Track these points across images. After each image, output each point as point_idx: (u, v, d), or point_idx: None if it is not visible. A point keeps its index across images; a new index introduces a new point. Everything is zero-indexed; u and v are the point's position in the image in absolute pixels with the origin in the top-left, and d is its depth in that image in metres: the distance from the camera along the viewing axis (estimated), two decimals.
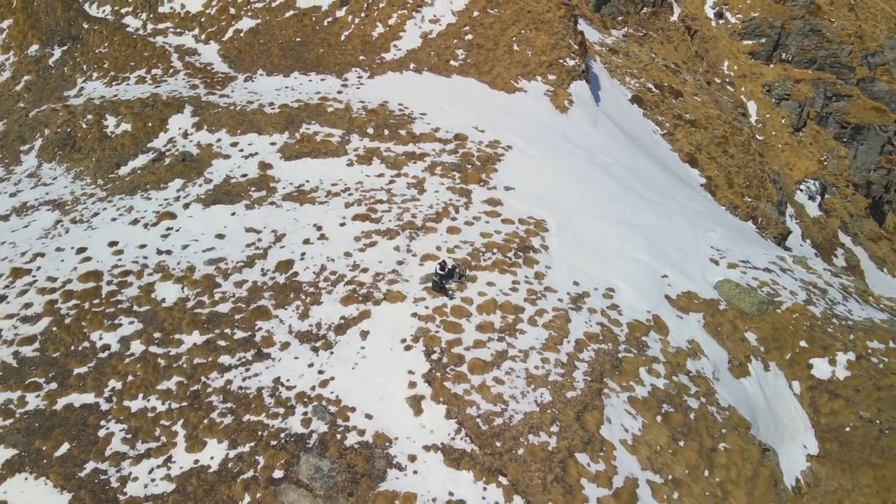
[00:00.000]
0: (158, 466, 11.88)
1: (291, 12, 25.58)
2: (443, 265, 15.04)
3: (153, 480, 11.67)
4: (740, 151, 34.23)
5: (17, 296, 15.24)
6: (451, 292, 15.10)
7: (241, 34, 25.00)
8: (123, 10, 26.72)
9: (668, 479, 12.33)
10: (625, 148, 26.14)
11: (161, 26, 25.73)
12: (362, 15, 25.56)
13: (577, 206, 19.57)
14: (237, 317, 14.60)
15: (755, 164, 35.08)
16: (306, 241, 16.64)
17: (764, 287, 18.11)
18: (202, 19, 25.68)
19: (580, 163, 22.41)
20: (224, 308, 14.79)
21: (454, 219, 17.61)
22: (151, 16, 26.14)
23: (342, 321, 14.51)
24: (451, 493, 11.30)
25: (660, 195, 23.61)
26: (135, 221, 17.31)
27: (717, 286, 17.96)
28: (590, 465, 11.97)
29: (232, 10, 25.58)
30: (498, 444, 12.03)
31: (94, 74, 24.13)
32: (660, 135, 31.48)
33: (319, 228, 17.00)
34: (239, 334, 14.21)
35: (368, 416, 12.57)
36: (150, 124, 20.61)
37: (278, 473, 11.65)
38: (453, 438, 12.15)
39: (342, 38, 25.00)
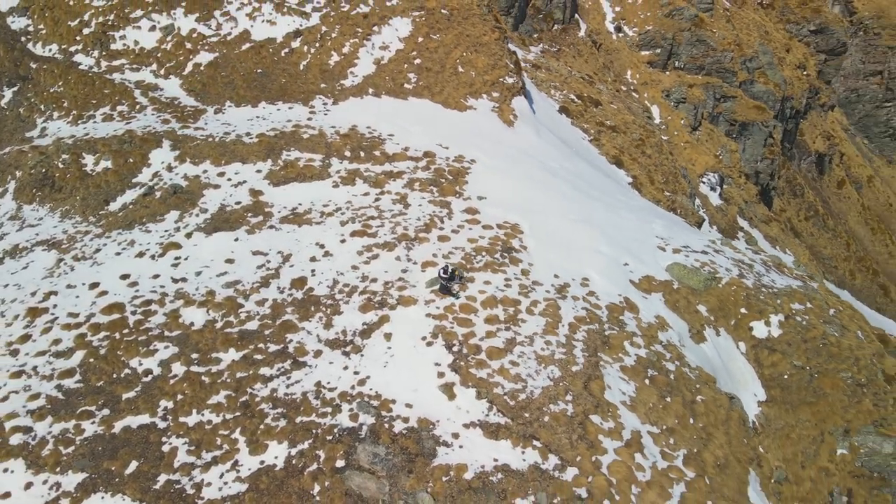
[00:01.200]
0: (227, 471, 13.00)
1: (248, 45, 26.59)
2: (445, 269, 16.88)
3: (226, 483, 12.79)
4: (655, 152, 38.16)
5: (41, 333, 15.69)
6: (456, 292, 16.99)
7: (202, 68, 25.74)
8: (72, 49, 26.66)
9: (663, 429, 14.77)
10: (565, 154, 28.98)
11: (116, 63, 25.98)
12: (317, 45, 26.98)
13: (543, 208, 21.96)
14: (266, 332, 15.81)
15: (668, 162, 39.18)
16: (313, 259, 18.00)
17: (705, 267, 21.19)
18: (158, 55, 26.17)
19: (535, 170, 24.90)
20: (252, 326, 15.94)
21: (441, 228, 19.50)
22: (104, 53, 26.30)
23: (365, 326, 16.04)
24: (495, 460, 13.16)
25: (603, 194, 26.52)
26: (140, 254, 18.01)
27: (669, 269, 20.85)
28: (602, 423, 14.20)
29: (188, 45, 26.24)
30: (526, 414, 14.03)
31: (55, 114, 24.15)
32: (587, 141, 34.70)
33: (322, 246, 18.39)
34: (273, 347, 15.44)
35: (408, 406, 14.20)
36: (131, 160, 21.16)
37: (340, 463, 13.08)
38: (487, 415, 14.03)
39: (301, 67, 26.32)
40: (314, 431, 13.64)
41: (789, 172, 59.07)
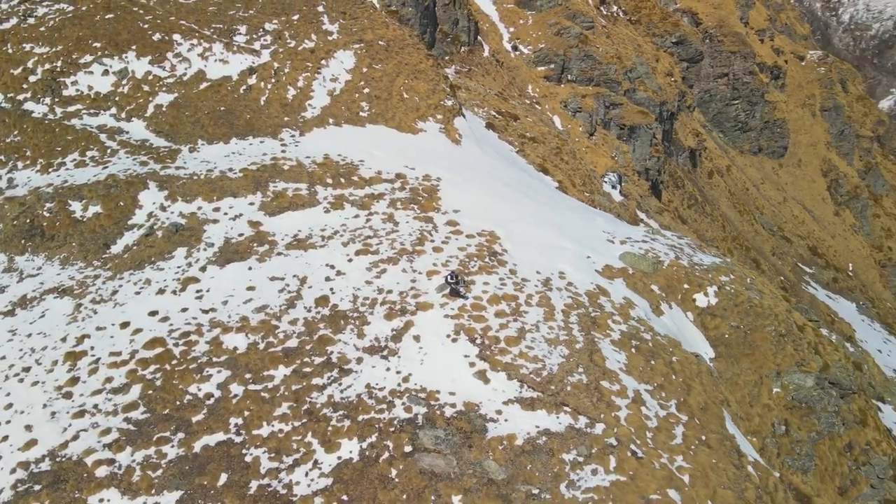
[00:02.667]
0: (310, 470, 14.54)
1: (205, 84, 27.41)
2: (452, 275, 19.20)
3: (312, 480, 14.34)
4: (571, 158, 42.36)
5: (90, 374, 16.30)
6: (464, 294, 19.32)
7: (164, 109, 26.26)
8: (20, 97, 26.13)
9: (655, 386, 17.88)
10: (506, 166, 32.09)
11: (71, 109, 25.89)
12: (273, 81, 28.29)
13: (508, 216, 24.75)
14: (307, 347, 17.34)
15: (582, 166, 43.54)
16: (328, 279, 19.64)
17: (649, 253, 24.89)
18: (116, 98, 26.34)
19: (490, 183, 27.72)
20: (293, 343, 17.41)
21: (433, 241, 21.76)
22: (57, 100, 26.08)
23: (394, 332, 17.99)
24: (536, 426, 15.61)
25: (547, 199, 29.82)
26: (161, 291, 18.83)
27: (622, 257, 24.31)
28: (610, 386, 17.06)
29: (146, 87, 26.64)
30: (552, 387, 16.61)
31: (19, 164, 23.85)
32: (515, 152, 38.13)
33: (333, 267, 20.07)
34: (317, 360, 17.01)
35: (452, 394, 16.34)
36: (121, 203, 21.63)
37: (408, 448, 15.00)
38: (520, 392, 16.47)
39: (262, 102, 27.53)
40: (377, 426, 15.45)
41: (671, 167, 66.29)
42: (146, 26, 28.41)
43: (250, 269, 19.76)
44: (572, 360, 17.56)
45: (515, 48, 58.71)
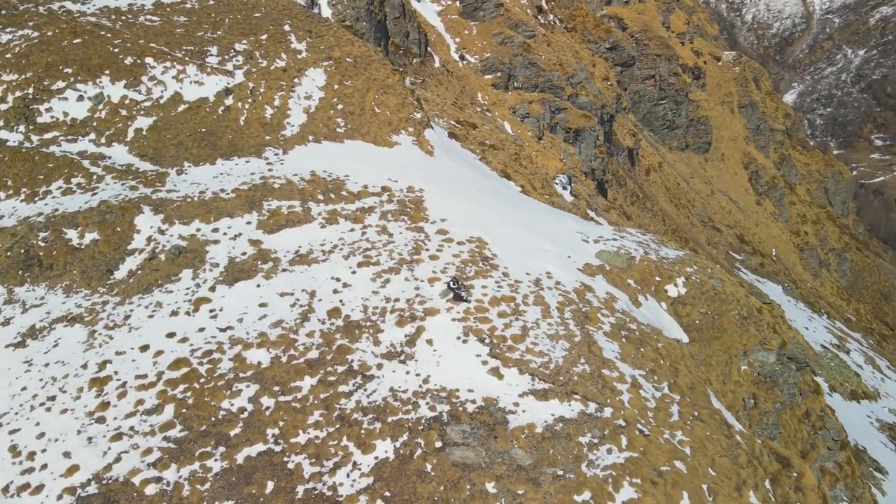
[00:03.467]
0: (351, 471, 15.44)
1: (183, 106, 27.56)
2: (452, 280, 20.42)
3: (354, 480, 15.25)
4: (528, 162, 44.26)
5: (119, 398, 16.62)
6: (467, 298, 20.54)
7: (144, 132, 26.27)
8: None
9: (647, 371, 19.61)
10: (476, 173, 33.53)
11: (48, 136, 25.55)
12: (250, 100, 28.71)
13: (490, 222, 26.15)
14: (328, 357, 18.16)
15: (538, 170, 45.53)
16: (336, 291, 20.48)
17: (621, 250, 26.81)
18: (94, 124, 26.13)
19: (467, 191, 29.06)
20: (313, 355, 18.19)
21: (427, 250, 22.89)
22: (32, 127, 25.66)
23: (407, 338, 19.02)
24: (552, 415, 16.99)
25: (518, 203, 31.41)
26: (174, 313, 19.22)
27: (598, 255, 26.11)
28: (611, 374, 18.65)
29: (123, 112, 26.55)
30: (561, 378, 18.06)
31: (2, 194, 23.47)
32: (478, 160, 39.67)
33: (338, 280, 20.91)
34: (340, 368, 17.86)
35: (470, 391, 17.55)
36: (118, 229, 21.74)
37: (438, 444, 16.10)
38: (533, 385, 17.83)
39: (242, 122, 27.91)
40: (406, 426, 16.48)
41: (613, 167, 69.56)
42: (117, 50, 28.27)
43: (259, 286, 20.37)
44: (574, 352, 19.09)
45: (463, 58, 60.40)
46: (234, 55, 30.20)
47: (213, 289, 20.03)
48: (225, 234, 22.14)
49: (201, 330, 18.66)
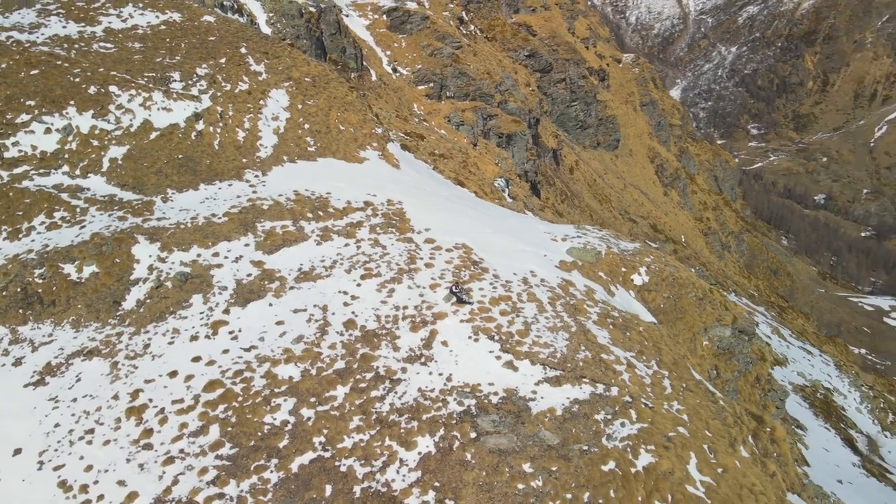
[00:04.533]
0: (399, 468, 16.58)
1: (155, 133, 27.40)
2: (454, 285, 21.89)
3: (404, 475, 16.41)
4: (475, 169, 46.19)
5: (161, 424, 16.96)
6: (470, 300, 22.04)
7: (120, 162, 25.98)
8: None
9: (636, 352, 21.81)
10: (441, 184, 35.07)
11: (18, 171, 24.78)
12: (221, 125, 28.91)
13: (468, 228, 27.77)
14: (354, 366, 19.16)
15: (484, 176, 47.57)
16: (346, 304, 21.44)
17: (588, 246, 29.15)
18: (66, 156, 25.54)
19: (437, 200, 30.55)
20: (340, 365, 19.14)
21: (421, 258, 24.22)
22: (0, 163, 24.99)
23: (423, 341, 20.30)
24: (567, 398, 18.78)
25: (484, 208, 33.21)
26: (194, 338, 19.59)
27: (569, 252, 28.28)
28: (608, 357, 20.68)
29: (95, 142, 26.12)
30: (568, 365, 19.90)
31: None
32: (431, 169, 41.21)
33: (346, 293, 21.87)
34: (368, 375, 18.91)
35: (490, 384, 19.06)
36: (117, 260, 21.69)
37: (473, 434, 17.51)
38: (545, 373, 19.56)
39: (216, 147, 28.09)
40: (440, 421, 17.79)
41: (542, 168, 72.94)
42: (78, 80, 27.73)
43: (271, 305, 21.03)
44: (574, 341, 21.02)
45: (395, 70, 61.74)
46: (198, 80, 30.27)
47: (227, 311, 20.52)
48: (226, 257, 22.56)
49: (225, 352, 19.17)
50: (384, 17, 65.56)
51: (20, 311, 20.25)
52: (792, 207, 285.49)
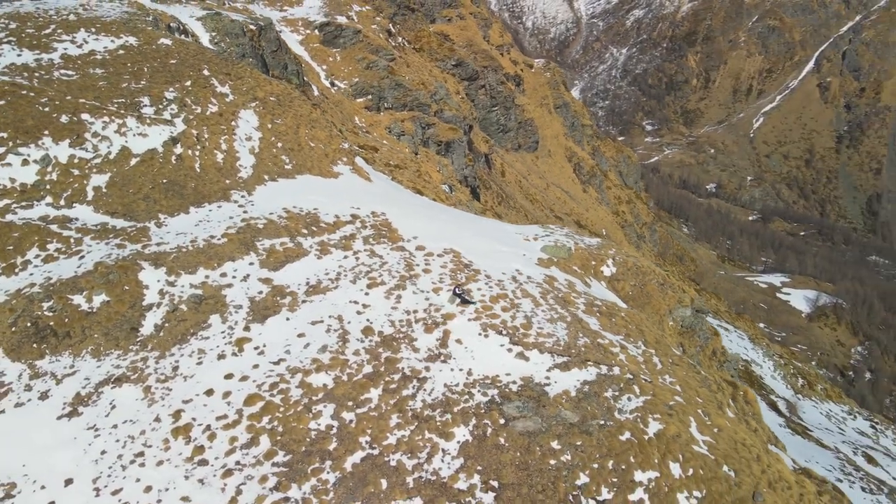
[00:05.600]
0: (443, 457, 17.96)
1: (135, 160, 27.21)
2: (456, 287, 23.45)
3: (449, 463, 17.79)
4: (428, 177, 47.81)
5: (210, 440, 17.53)
6: (473, 300, 23.64)
7: (104, 190, 25.68)
8: None
9: (624, 335, 24.14)
10: (404, 193, 36.44)
11: None
12: (199, 148, 29.05)
13: (450, 234, 29.37)
14: (382, 369, 20.33)
15: (436, 183, 49.25)
16: (359, 313, 22.52)
17: (558, 243, 31.44)
18: (47, 187, 24.98)
19: (413, 208, 31.95)
20: (368, 369, 20.27)
21: (418, 265, 25.60)
22: None
23: (438, 341, 21.72)
24: (577, 380, 20.73)
25: (454, 215, 34.87)
26: (221, 356, 20.14)
27: (543, 250, 30.43)
28: (603, 341, 22.86)
29: (75, 171, 25.68)
30: (573, 351, 21.89)
31: None
32: (391, 180, 42.46)
33: (357, 303, 22.95)
34: (396, 376, 20.14)
35: (508, 374, 20.76)
36: (126, 287, 21.75)
37: (502, 421, 19.15)
38: (555, 360, 21.45)
39: (198, 170, 28.23)
40: (470, 412, 19.31)
41: (479, 172, 75.46)
42: (48, 109, 27.13)
43: (288, 319, 21.83)
44: (572, 329, 23.08)
45: (333, 84, 62.39)
46: (168, 104, 30.26)
47: (247, 328, 21.16)
48: (234, 276, 23.09)
49: (255, 367, 19.87)
50: (316, 31, 66.02)
51: (34, 345, 20.09)
52: (688, 197, 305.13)
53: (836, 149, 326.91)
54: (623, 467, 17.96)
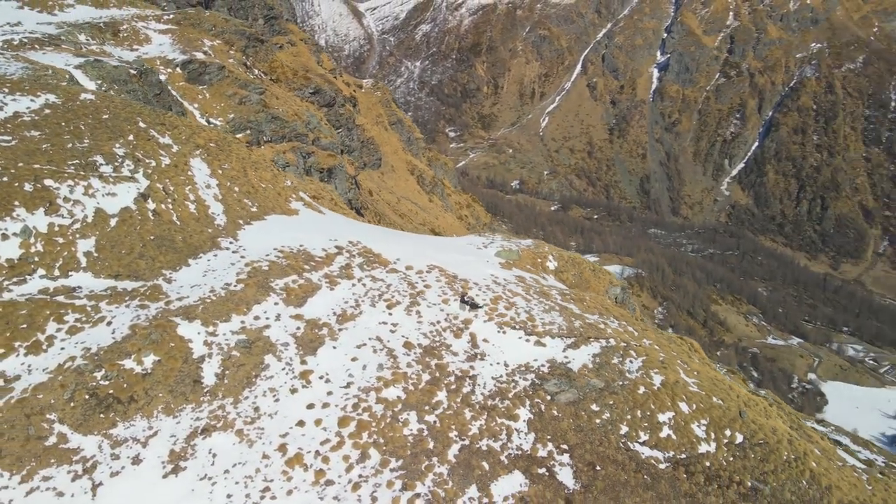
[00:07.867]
0: (517, 434, 21.27)
1: (114, 220, 26.47)
2: (464, 296, 26.76)
3: (525, 438, 21.17)
4: (343, 204, 49.70)
5: (324, 463, 19.11)
6: (481, 305, 27.00)
7: (95, 254, 24.91)
8: None
9: (600, 314, 28.96)
10: (354, 222, 38.53)
11: None
12: (169, 201, 28.87)
13: (422, 252, 32.34)
14: (437, 375, 23.00)
15: (346, 209, 51.26)
16: (392, 331, 24.87)
17: (506, 247, 35.71)
18: (35, 259, 23.64)
19: (378, 234, 34.38)
20: (426, 377, 22.84)
21: (417, 283, 28.36)
22: None
23: (470, 343, 24.84)
24: (588, 355, 25.02)
25: (407, 234, 37.66)
26: (293, 390, 21.50)
27: (497, 255, 34.47)
28: (591, 321, 27.49)
29: (60, 240, 24.39)
30: (575, 332, 26.20)
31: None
32: (331, 211, 43.94)
33: (385, 323, 25.26)
34: (450, 378, 22.95)
35: (535, 360, 24.51)
36: (172, 345, 21.94)
37: (548, 397, 22.89)
38: (565, 342, 25.60)
39: (177, 222, 28.15)
40: (521, 395, 22.82)
41: (357, 195, 77.81)
42: (6, 179, 25.38)
43: (335, 347, 23.62)
44: (564, 315, 27.46)
45: (209, 122, 61.23)
46: (122, 160, 29.63)
47: (304, 361, 22.66)
48: (267, 318, 24.21)
49: (329, 393, 21.58)
50: (178, 69, 64.11)
51: (101, 415, 19.97)
52: (498, 195, 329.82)
53: (609, 139, 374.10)
54: (648, 413, 22.65)
